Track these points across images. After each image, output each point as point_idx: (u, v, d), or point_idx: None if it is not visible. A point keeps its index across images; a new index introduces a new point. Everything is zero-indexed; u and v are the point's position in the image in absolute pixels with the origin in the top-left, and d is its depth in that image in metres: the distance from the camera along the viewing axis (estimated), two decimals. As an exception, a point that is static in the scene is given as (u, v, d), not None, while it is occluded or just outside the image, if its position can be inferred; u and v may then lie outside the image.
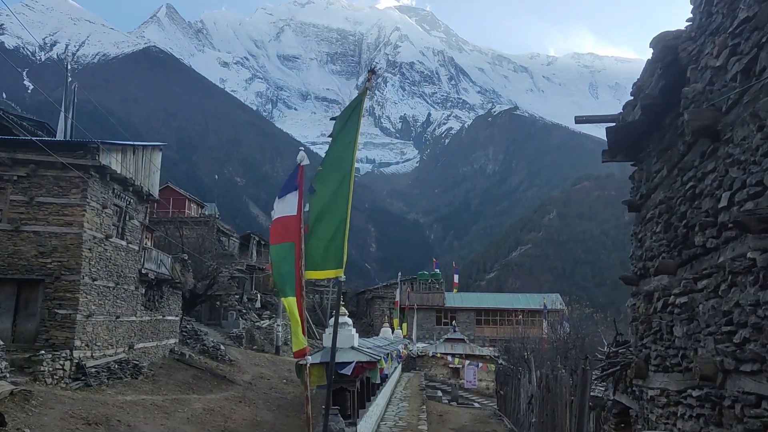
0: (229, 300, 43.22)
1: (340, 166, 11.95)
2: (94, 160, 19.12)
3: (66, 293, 18.68)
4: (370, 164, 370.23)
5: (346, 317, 15.60)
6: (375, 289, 63.23)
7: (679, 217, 5.08)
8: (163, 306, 26.96)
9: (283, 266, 11.63)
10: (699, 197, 4.62)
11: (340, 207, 11.75)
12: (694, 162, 4.76)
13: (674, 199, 5.24)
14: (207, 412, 19.28)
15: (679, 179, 5.09)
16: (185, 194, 54.08)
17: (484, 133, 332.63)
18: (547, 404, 12.86)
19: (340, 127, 12.12)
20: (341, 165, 11.96)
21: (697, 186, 4.67)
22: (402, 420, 22.42)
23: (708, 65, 4.30)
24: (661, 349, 5.64)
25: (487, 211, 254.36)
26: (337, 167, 11.96)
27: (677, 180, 5.16)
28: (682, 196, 4.97)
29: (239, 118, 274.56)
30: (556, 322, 36.88)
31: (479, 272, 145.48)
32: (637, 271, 6.60)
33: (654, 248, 5.89)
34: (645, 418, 6.42)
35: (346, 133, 11.99)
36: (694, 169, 4.74)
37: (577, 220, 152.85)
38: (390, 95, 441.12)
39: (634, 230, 6.84)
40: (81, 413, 14.49)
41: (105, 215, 20.38)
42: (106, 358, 20.57)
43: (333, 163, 12.07)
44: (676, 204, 5.19)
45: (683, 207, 4.98)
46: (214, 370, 27.18)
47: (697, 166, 4.67)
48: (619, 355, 8.40)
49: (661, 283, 5.64)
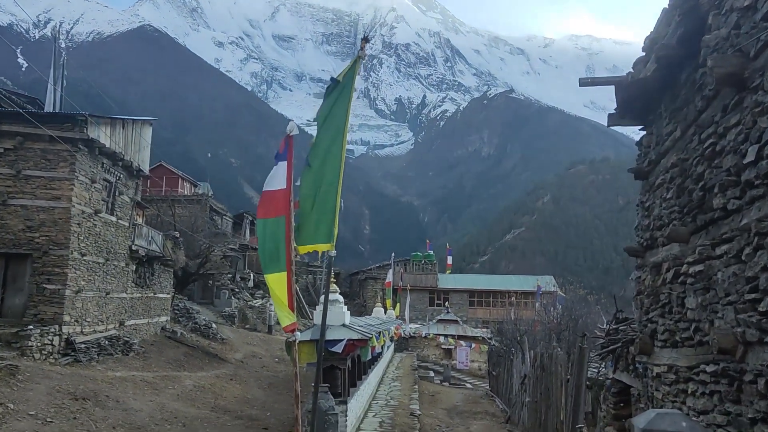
0: (222, 279, 42.94)
1: (333, 138, 11.59)
2: (82, 134, 18.64)
3: (54, 268, 18.31)
4: (364, 146, 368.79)
5: (337, 294, 15.29)
6: (368, 270, 63.05)
7: (695, 179, 4.77)
8: (155, 283, 26.63)
9: (270, 241, 11.30)
10: (719, 155, 4.30)
11: (331, 181, 11.42)
12: (714, 117, 4.43)
13: (689, 160, 4.93)
14: (197, 389, 19.05)
15: (696, 138, 4.76)
16: (178, 173, 53.54)
17: (479, 116, 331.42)
18: (542, 384, 12.66)
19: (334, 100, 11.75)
20: (334, 138, 11.61)
21: (717, 143, 4.34)
22: (394, 399, 22.27)
23: (734, 7, 3.96)
24: (669, 323, 5.35)
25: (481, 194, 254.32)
26: (330, 140, 11.61)
27: (693, 139, 4.84)
28: (700, 155, 4.65)
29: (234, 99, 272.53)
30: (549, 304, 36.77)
31: (473, 255, 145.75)
32: (643, 242, 6.30)
33: (664, 216, 5.58)
34: (649, 396, 6.15)
35: (339, 105, 11.62)
36: (714, 125, 4.41)
37: (570, 204, 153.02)
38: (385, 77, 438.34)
39: (641, 199, 6.52)
40: (68, 388, 14.21)
41: (94, 190, 19.95)
42: (96, 334, 20.27)
43: (326, 136, 11.72)
44: (691, 165, 4.87)
45: (700, 168, 4.66)
46: (205, 348, 26.96)
47: (717, 122, 4.35)
48: (619, 332, 8.13)
49: (671, 252, 5.34)
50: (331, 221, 11.50)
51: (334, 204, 11.41)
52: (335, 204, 11.40)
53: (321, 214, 11.54)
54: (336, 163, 11.46)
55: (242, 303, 43.06)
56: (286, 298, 11.09)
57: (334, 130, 11.60)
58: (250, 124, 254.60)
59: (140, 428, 12.90)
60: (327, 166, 11.49)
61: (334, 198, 11.41)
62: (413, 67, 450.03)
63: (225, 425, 15.46)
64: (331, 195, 11.43)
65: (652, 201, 6.00)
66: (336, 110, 11.61)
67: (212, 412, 16.72)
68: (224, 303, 40.97)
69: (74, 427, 11.51)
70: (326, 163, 11.49)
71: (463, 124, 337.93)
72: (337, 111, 11.59)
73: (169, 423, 14.14)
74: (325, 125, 11.71)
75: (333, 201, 11.41)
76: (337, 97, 11.65)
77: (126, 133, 21.72)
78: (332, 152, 11.49)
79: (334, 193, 11.43)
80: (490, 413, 21.48)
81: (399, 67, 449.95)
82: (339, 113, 11.60)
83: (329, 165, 11.46)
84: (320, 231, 11.59)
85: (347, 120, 11.58)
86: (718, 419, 4.37)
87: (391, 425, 17.33)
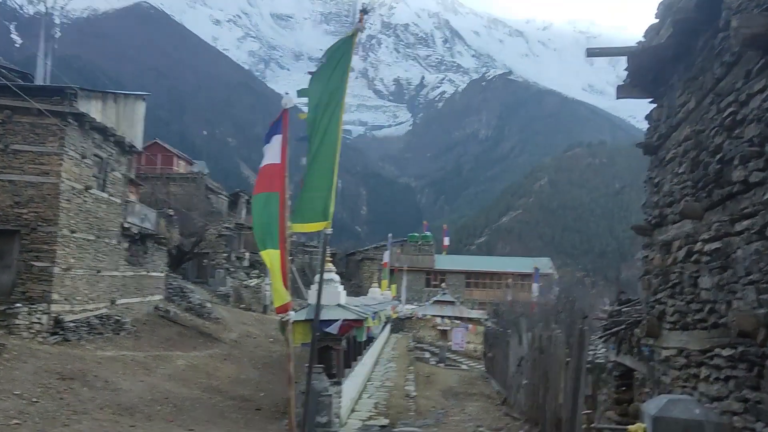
0: (217, 258, 42.66)
1: (330, 114, 11.20)
2: (72, 107, 18.19)
3: (43, 245, 17.96)
4: (362, 127, 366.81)
5: (332, 274, 15.03)
6: (365, 251, 62.80)
7: (712, 151, 4.43)
8: (148, 262, 26.29)
9: (265, 217, 10.96)
10: (741, 125, 3.96)
11: (327, 157, 11.06)
12: (735, 84, 4.09)
13: (705, 131, 4.59)
14: (190, 369, 18.83)
15: (714, 108, 4.42)
16: (174, 151, 52.95)
17: (477, 98, 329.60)
18: (540, 366, 12.42)
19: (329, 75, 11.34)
20: (331, 114, 11.22)
21: (738, 112, 4.00)
22: (389, 380, 22.12)
23: (760, -37, 3.61)
24: (680, 304, 5.05)
25: (478, 176, 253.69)
26: (327, 116, 11.23)
27: (710, 109, 4.49)
28: (718, 126, 4.31)
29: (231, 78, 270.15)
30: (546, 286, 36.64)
31: (469, 237, 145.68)
32: (652, 220, 5.97)
33: (675, 192, 5.25)
34: (656, 380, 5.87)
35: (335, 79, 11.22)
36: (735, 92, 4.06)
37: (567, 187, 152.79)
38: (384, 57, 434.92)
39: (649, 175, 6.19)
40: (56, 368, 13.95)
41: (84, 165, 19.53)
42: (86, 312, 19.97)
43: (322, 112, 11.34)
44: (708, 137, 4.53)
45: (718, 139, 4.32)
46: (199, 327, 26.71)
47: (739, 89, 4.00)
48: (623, 314, 7.84)
49: (683, 230, 5.01)
50: (327, 198, 11.16)
51: (331, 181, 11.06)
52: (332, 181, 11.05)
53: (317, 191, 11.20)
54: (332, 139, 11.10)
55: (237, 282, 42.82)
56: (280, 276, 10.79)
57: (330, 106, 11.23)
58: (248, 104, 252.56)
59: (129, 409, 12.66)
60: (323, 143, 11.13)
61: (330, 175, 11.05)
62: (412, 48, 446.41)
63: (217, 406, 15.24)
64: (327, 171, 11.07)
65: (662, 176, 5.66)
66: (332, 85, 11.22)
67: (204, 393, 16.50)
68: (219, 282, 40.72)
69: (60, 407, 11.25)
70: (322, 139, 11.14)
71: (461, 105, 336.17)
72: (333, 86, 11.21)
73: (160, 404, 13.90)
74: (320, 100, 11.34)
75: (329, 178, 11.06)
76: (332, 73, 11.25)
77: (118, 108, 21.24)
78: (329, 128, 11.13)
79: (330, 169, 11.08)
80: (486, 395, 21.34)
81: (398, 47, 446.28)
82: (336, 88, 11.22)
83: (325, 141, 11.10)
84: (316, 208, 11.24)
85: (344, 95, 11.23)
86: (734, 406, 4.09)
87: (387, 406, 17.16)
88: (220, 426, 13.01)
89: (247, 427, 13.36)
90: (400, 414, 16.21)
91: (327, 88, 11.24)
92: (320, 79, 11.36)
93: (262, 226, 11.07)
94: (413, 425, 14.39)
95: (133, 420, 12.03)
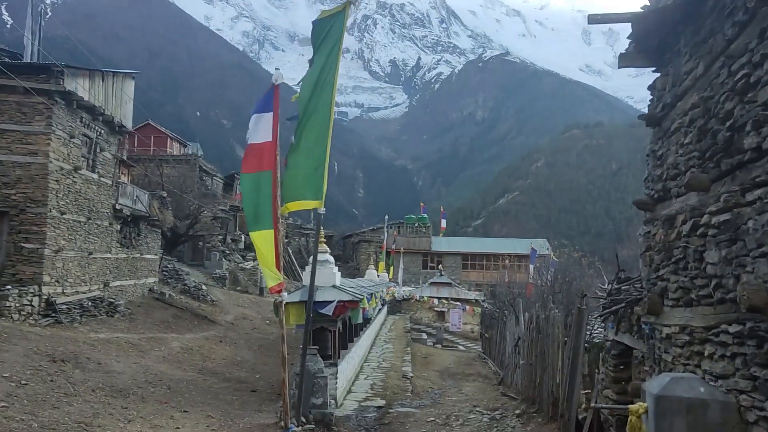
0: (212, 240, 42.44)
1: (321, 92, 10.90)
2: (59, 85, 17.81)
3: (32, 226, 17.70)
4: (358, 109, 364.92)
5: (327, 255, 14.80)
6: (361, 233, 62.65)
7: (722, 118, 4.19)
8: (141, 244, 26.05)
9: (256, 197, 10.70)
10: (753, 88, 3.73)
11: (320, 135, 10.77)
12: (748, 45, 3.84)
13: (715, 97, 4.34)
14: (185, 351, 18.69)
15: (725, 71, 4.17)
16: (167, 132, 52.43)
17: (474, 79, 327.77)
18: (537, 346, 12.28)
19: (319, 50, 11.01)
20: (321, 91, 10.91)
21: (751, 74, 3.76)
22: (386, 361, 22.05)
23: None
24: (684, 280, 4.84)
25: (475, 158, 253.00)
26: (319, 94, 10.92)
27: (720, 74, 4.25)
28: (729, 90, 4.07)
29: (225, 59, 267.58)
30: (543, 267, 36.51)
31: (466, 219, 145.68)
32: (654, 194, 5.74)
33: (680, 164, 5.02)
34: (656, 359, 5.69)
35: (325, 56, 10.91)
36: (748, 53, 3.82)
37: (564, 169, 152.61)
38: (379, 38, 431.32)
39: (652, 148, 5.95)
40: (47, 350, 13.74)
41: (73, 145, 19.19)
42: (78, 295, 19.77)
43: (314, 89, 11.03)
44: (717, 103, 4.29)
45: (729, 104, 4.08)
46: (195, 309, 26.58)
47: (753, 49, 3.76)
48: (622, 292, 7.65)
49: (688, 203, 4.79)
50: (319, 177, 10.89)
51: (323, 159, 10.78)
52: (324, 159, 10.77)
53: (309, 170, 10.92)
54: (325, 117, 10.81)
55: (233, 265, 42.66)
56: (273, 257, 10.55)
57: (322, 84, 10.91)
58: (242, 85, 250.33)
59: (122, 391, 12.48)
60: (315, 120, 10.83)
61: (323, 153, 10.77)
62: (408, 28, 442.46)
63: (212, 387, 15.09)
64: (320, 150, 10.80)
65: (666, 148, 5.43)
66: (323, 62, 10.89)
67: (199, 374, 16.36)
68: (215, 265, 40.58)
69: (50, 390, 11.06)
70: (313, 117, 10.84)
71: (458, 86, 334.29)
72: (324, 63, 10.88)
73: (153, 385, 13.74)
74: (310, 78, 11.03)
75: (322, 156, 10.77)
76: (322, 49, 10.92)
77: (106, 87, 20.84)
78: (320, 106, 10.83)
79: (323, 147, 10.80)
80: (483, 375, 21.31)
81: (393, 27, 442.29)
82: (327, 66, 10.90)
83: (316, 119, 10.81)
84: (308, 187, 10.98)
85: (336, 73, 10.91)
86: (741, 384, 3.90)
87: (383, 387, 17.07)
88: (214, 407, 12.85)
89: (242, 408, 13.21)
90: (396, 395, 16.13)
91: (317, 65, 10.94)
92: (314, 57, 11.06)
93: (254, 206, 10.82)
94: (409, 405, 14.30)
95: (126, 402, 11.86)
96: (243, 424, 11.45)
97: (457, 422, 11.36)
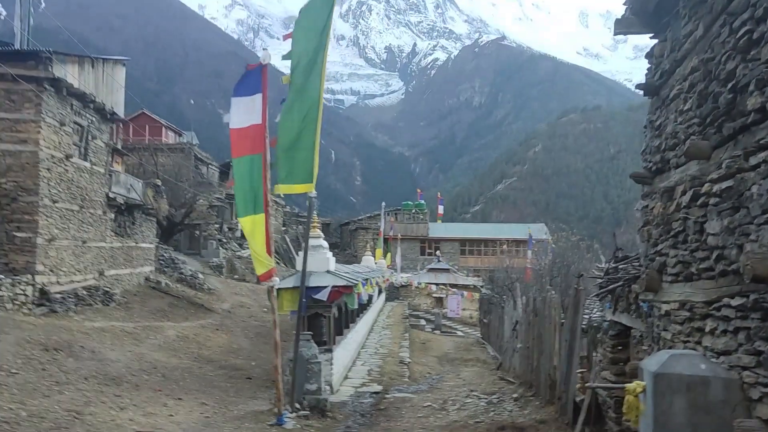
0: (209, 229, 42.24)
1: (308, 73, 10.65)
2: (47, 72, 17.51)
3: (24, 215, 17.48)
4: (354, 96, 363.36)
5: (320, 240, 14.62)
6: (358, 220, 62.41)
7: (724, 79, 3.99)
8: (136, 233, 25.84)
9: (247, 181, 10.50)
10: (757, 45, 3.52)
11: (310, 117, 10.54)
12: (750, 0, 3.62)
13: (716, 59, 4.13)
14: (180, 339, 18.55)
15: (726, 30, 3.96)
16: (162, 121, 52.00)
17: (470, 64, 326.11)
18: (534, 329, 12.14)
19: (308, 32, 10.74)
20: (310, 72, 10.66)
21: (754, 30, 3.55)
22: (383, 347, 21.94)
23: None
24: (684, 254, 4.65)
25: (472, 144, 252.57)
26: (307, 75, 10.66)
27: (721, 33, 4.04)
28: (731, 49, 3.87)
29: (220, 48, 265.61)
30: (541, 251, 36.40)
31: (464, 205, 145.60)
32: (652, 166, 5.54)
33: (679, 132, 4.82)
34: (654, 337, 5.52)
35: (314, 38, 10.65)
36: (751, 8, 3.61)
37: (562, 154, 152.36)
38: (375, 24, 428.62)
39: (649, 119, 5.75)
40: (40, 339, 13.58)
41: (64, 133, 18.91)
42: (73, 284, 19.60)
43: (303, 71, 10.78)
44: (718, 64, 4.08)
45: (731, 64, 3.87)
46: (191, 298, 26.42)
47: (755, 4, 3.54)
48: (619, 271, 7.47)
49: (688, 173, 4.60)
50: (310, 160, 10.67)
51: (314, 141, 10.56)
52: (314, 141, 10.55)
53: (299, 152, 10.69)
54: (314, 98, 10.57)
55: (230, 253, 42.48)
56: (263, 243, 10.36)
57: (311, 65, 10.65)
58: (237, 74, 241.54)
59: (115, 379, 12.34)
60: (305, 102, 10.59)
61: (313, 135, 10.54)
62: (403, 14, 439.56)
63: (207, 375, 14.97)
64: (310, 132, 10.57)
65: (665, 117, 5.22)
66: (312, 44, 10.62)
67: (194, 362, 16.23)
68: (212, 253, 40.39)
69: (41, 379, 10.91)
70: (302, 98, 10.60)
71: (454, 72, 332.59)
72: (313, 45, 10.61)
73: (147, 373, 13.61)
74: (300, 60, 10.76)
75: (312, 138, 10.55)
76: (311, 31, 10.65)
77: (96, 74, 20.53)
78: (309, 88, 10.58)
79: (313, 129, 10.56)
80: (482, 360, 21.21)
81: (388, 13, 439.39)
82: (316, 47, 10.62)
83: (305, 101, 10.57)
84: (299, 170, 10.76)
85: (325, 54, 10.66)
86: (744, 360, 3.73)
87: (380, 373, 16.95)
88: (209, 395, 12.73)
89: (237, 395, 13.09)
90: (393, 380, 16.01)
91: (306, 47, 10.68)
92: (298, 40, 10.80)
93: (246, 190, 10.61)
94: (406, 391, 14.18)
95: (120, 390, 11.73)
96: (237, 411, 11.33)
97: (454, 407, 11.23)
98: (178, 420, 10.16)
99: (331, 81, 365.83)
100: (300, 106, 10.74)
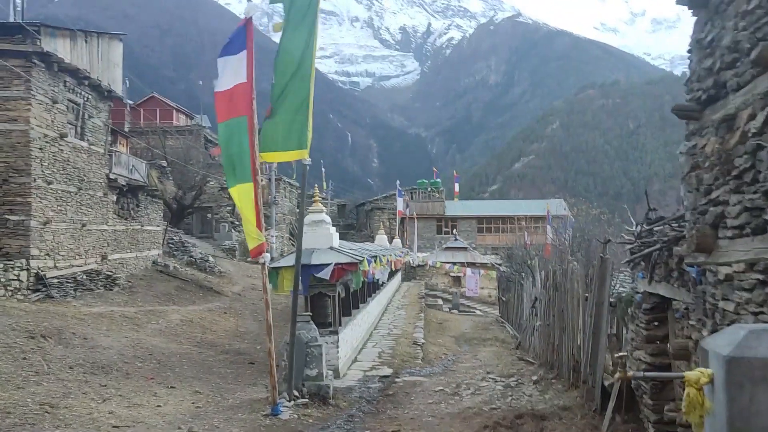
0: (221, 212, 41.52)
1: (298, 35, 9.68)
2: (36, 46, 16.61)
3: (16, 197, 16.71)
4: (370, 78, 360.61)
5: (322, 214, 13.61)
6: (374, 201, 61.38)
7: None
8: (141, 215, 25.08)
9: (234, 146, 9.50)
10: None
11: (302, 83, 9.54)
12: None
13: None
14: (184, 324, 17.78)
15: None
16: (172, 105, 51.32)
17: (486, 43, 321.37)
18: (555, 305, 11.08)
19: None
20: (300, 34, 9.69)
21: None
22: (397, 328, 21.01)
23: None
24: (753, 197, 3.55)
25: (489, 123, 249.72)
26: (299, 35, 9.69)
27: None
28: None
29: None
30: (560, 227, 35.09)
31: (482, 185, 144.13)
32: (702, 95, 4.41)
33: (742, 41, 3.69)
34: (708, 310, 4.43)
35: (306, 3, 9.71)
36: None
37: (580, 130, 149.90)
38: (388, 5, 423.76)
39: (696, 38, 4.60)
40: (28, 325, 12.81)
41: (57, 111, 18.05)
42: (72, 268, 18.86)
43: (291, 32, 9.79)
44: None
45: None
46: (200, 281, 25.71)
47: None
48: (654, 233, 6.36)
49: (758, 90, 3.48)
50: (303, 125, 9.63)
51: (306, 107, 9.52)
52: (307, 107, 9.51)
53: (291, 116, 9.68)
54: (307, 63, 9.57)
55: (243, 236, 41.76)
56: (253, 215, 9.37)
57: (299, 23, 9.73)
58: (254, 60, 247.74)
59: (104, 367, 11.51)
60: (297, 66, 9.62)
61: (305, 101, 9.51)
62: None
63: (207, 360, 14.14)
64: (302, 97, 9.54)
65: (720, 28, 4.09)
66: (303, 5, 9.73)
67: (195, 347, 15.42)
68: (224, 236, 39.77)
69: (19, 369, 10.10)
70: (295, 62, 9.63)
71: (469, 51, 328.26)
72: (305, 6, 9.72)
73: (142, 360, 12.79)
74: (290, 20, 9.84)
75: (304, 104, 9.52)
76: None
77: (90, 49, 19.60)
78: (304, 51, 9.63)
79: (305, 95, 9.53)
80: (500, 339, 20.22)
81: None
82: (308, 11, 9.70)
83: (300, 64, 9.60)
84: (291, 136, 9.74)
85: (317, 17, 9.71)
86: None
87: (392, 355, 16.00)
88: (205, 381, 11.89)
89: (235, 382, 12.24)
90: (406, 362, 15.06)
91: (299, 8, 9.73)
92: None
93: (231, 156, 9.59)
94: (418, 374, 13.21)
95: (107, 379, 10.91)
96: (232, 399, 10.45)
97: (468, 391, 10.23)
98: (165, 411, 9.31)
99: (346, 63, 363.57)
100: (294, 65, 9.74)
